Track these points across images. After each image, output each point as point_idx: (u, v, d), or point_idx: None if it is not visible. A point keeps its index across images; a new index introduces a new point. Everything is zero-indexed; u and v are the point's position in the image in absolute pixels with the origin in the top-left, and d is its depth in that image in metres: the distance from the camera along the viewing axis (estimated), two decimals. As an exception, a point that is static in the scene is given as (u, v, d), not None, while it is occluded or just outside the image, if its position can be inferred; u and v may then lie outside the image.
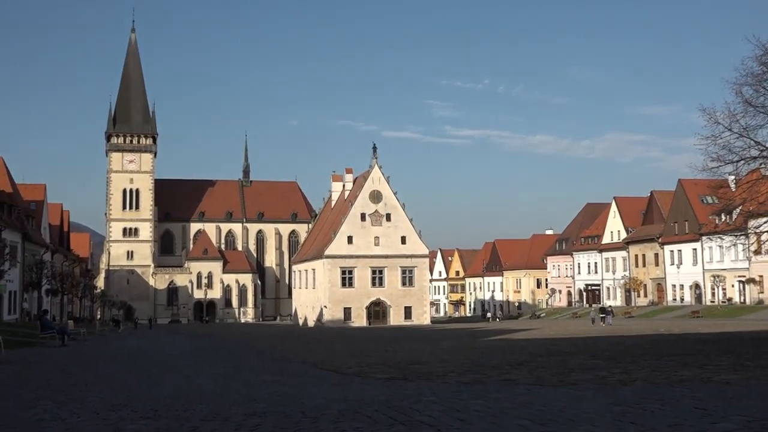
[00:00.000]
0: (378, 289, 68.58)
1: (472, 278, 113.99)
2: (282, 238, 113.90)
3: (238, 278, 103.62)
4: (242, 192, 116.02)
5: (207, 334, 48.01)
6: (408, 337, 33.35)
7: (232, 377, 13.19)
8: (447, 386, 10.17)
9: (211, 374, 14.07)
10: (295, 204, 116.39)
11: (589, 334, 30.79)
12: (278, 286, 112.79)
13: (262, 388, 10.70)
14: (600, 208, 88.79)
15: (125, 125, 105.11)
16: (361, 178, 73.66)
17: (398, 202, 69.64)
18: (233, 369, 15.62)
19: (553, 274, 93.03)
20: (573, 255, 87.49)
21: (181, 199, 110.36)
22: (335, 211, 78.25)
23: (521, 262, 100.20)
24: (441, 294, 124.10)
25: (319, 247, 73.18)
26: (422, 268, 70.28)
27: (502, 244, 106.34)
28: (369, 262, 68.45)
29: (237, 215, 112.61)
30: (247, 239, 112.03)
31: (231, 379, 12.69)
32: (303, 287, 79.59)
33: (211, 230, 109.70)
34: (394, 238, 68.98)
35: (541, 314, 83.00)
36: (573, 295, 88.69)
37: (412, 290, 69.22)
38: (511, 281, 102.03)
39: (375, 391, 9.81)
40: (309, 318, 75.64)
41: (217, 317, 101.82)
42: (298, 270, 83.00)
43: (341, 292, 67.76)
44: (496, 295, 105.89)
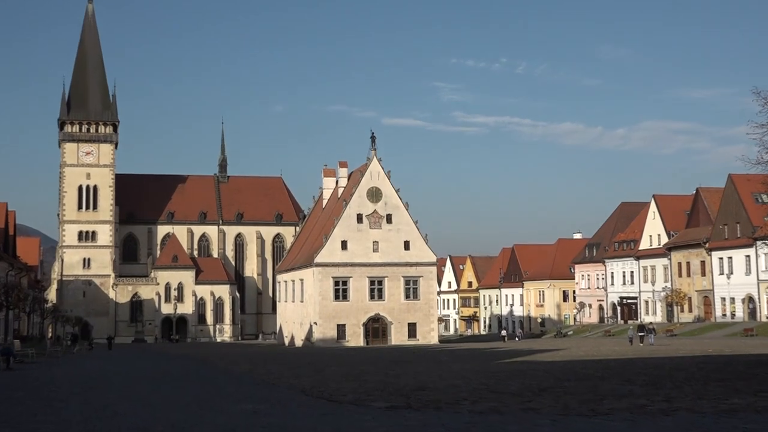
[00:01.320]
0: (377, 303, 68.58)
1: (487, 290, 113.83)
2: (265, 243, 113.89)
3: (213, 290, 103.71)
4: (218, 189, 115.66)
5: (177, 355, 47.97)
6: (412, 359, 33.35)
7: (206, 406, 13.20)
8: (458, 416, 10.17)
9: (181, 403, 14.09)
10: (280, 203, 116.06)
11: (624, 355, 30.81)
12: (260, 300, 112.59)
13: (241, 419, 10.70)
14: (637, 208, 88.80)
15: (81, 111, 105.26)
16: (357, 173, 73.57)
17: (400, 201, 69.33)
18: (207, 396, 15.62)
19: (581, 285, 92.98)
20: (605, 263, 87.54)
21: (146, 198, 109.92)
22: (327, 212, 78.24)
23: (544, 271, 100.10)
24: (451, 308, 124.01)
25: (308, 254, 73.22)
26: (429, 279, 70.28)
27: (523, 250, 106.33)
28: (366, 271, 68.39)
29: (212, 216, 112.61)
30: (224, 244, 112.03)
31: (204, 408, 12.70)
32: (289, 300, 79.58)
33: (182, 234, 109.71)
34: (395, 244, 68.92)
35: (567, 332, 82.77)
36: (605, 310, 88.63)
37: (417, 304, 69.28)
38: (532, 293, 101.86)
39: (373, 422, 9.81)
40: (296, 336, 75.86)
41: (188, 335, 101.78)
42: (283, 280, 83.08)
43: (334, 307, 67.85)
44: (516, 309, 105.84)
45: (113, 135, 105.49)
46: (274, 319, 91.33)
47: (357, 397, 13.92)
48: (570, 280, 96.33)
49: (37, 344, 55.26)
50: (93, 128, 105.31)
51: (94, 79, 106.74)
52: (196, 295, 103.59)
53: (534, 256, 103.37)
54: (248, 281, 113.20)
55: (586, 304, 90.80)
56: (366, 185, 69.44)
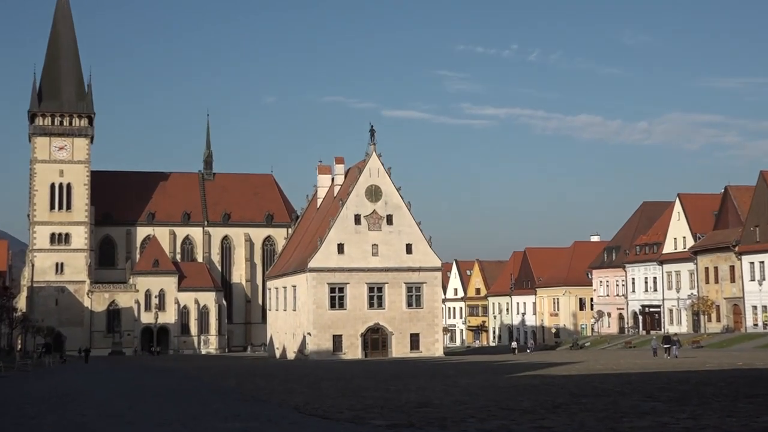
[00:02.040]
0: (376, 312, 68.54)
1: (497, 297, 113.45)
2: (254, 247, 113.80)
3: (197, 297, 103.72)
4: (203, 187, 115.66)
5: (158, 368, 48.01)
6: (415, 373, 33.41)
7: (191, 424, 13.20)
8: (465, 436, 10.17)
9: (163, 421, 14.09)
10: (270, 203, 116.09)
11: (646, 369, 30.86)
12: (249, 308, 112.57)
13: (228, 439, 10.68)
14: (660, 208, 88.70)
15: (54, 102, 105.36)
16: (354, 170, 73.46)
17: (402, 201, 69.47)
18: (192, 414, 15.63)
19: (600, 293, 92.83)
20: (626, 268, 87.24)
21: (125, 197, 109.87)
22: (322, 212, 78.29)
23: (559, 276, 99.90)
24: (457, 317, 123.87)
25: (301, 258, 73.07)
26: (433, 285, 70.29)
27: (536, 254, 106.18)
28: (365, 276, 68.36)
29: (197, 217, 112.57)
30: (210, 248, 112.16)
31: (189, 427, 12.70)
32: (280, 309, 79.53)
33: (164, 236, 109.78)
34: (396, 247, 68.92)
35: (584, 343, 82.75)
36: (626, 319, 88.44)
37: (420, 313, 69.29)
38: (546, 301, 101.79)
39: (373, 441, 9.83)
40: (288, 348, 75.79)
41: (170, 347, 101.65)
42: (274, 287, 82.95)
43: (329, 316, 67.72)
44: (528, 318, 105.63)
45: (88, 128, 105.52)
46: (264, 329, 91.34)
47: (354, 415, 13.94)
48: (587, 287, 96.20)
49: (5, 357, 55.27)
50: (66, 121, 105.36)
51: (67, 68, 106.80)
52: (178, 303, 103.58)
53: (548, 261, 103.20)
54: (236, 288, 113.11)
55: (605, 313, 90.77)
56: (364, 183, 69.40)
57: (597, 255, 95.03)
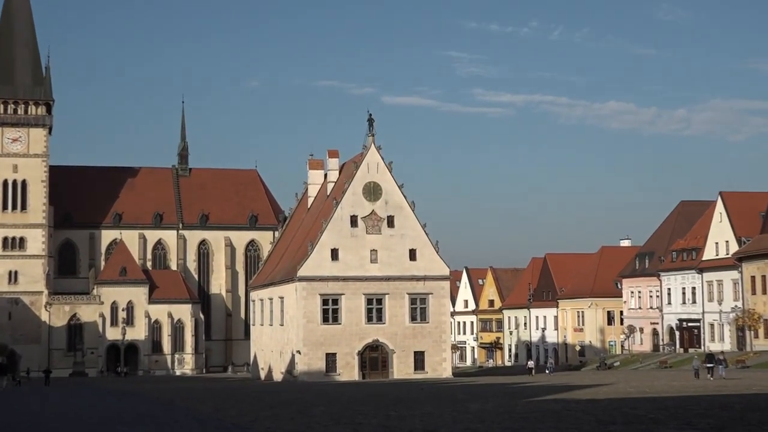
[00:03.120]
0: (376, 327, 68.20)
1: (513, 310, 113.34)
2: (236, 252, 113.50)
3: (171, 311, 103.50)
4: (177, 185, 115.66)
5: (126, 391, 48.03)
6: (420, 397, 33.43)
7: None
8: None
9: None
10: (254, 202, 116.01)
11: (684, 392, 30.90)
12: (230, 323, 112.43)
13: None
14: (699, 208, 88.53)
15: (6, 87, 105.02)
16: (350, 165, 73.27)
17: (405, 200, 69.18)
18: (165, 444, 15.59)
19: (631, 305, 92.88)
20: (660, 277, 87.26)
21: (88, 196, 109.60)
22: (313, 213, 78.01)
23: (584, 286, 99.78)
24: (468, 333, 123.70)
25: (289, 265, 72.78)
26: (440, 296, 70.01)
27: (557, 261, 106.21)
28: (362, 286, 68.01)
29: (170, 218, 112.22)
30: (185, 253, 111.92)
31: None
32: (266, 324, 79.18)
33: (132, 240, 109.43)
34: (398, 252, 68.59)
35: (613, 363, 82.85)
36: (660, 335, 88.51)
37: (426, 328, 68.93)
38: (569, 315, 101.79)
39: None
40: (275, 369, 75.68)
41: (140, 367, 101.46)
42: (258, 298, 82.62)
43: (322, 331, 67.39)
44: (548, 334, 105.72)
45: (46, 117, 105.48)
46: (247, 346, 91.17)
47: (351, 445, 13.98)
48: (616, 299, 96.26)
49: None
50: (21, 109, 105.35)
51: (22, 49, 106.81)
52: (149, 316, 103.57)
53: (571, 269, 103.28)
54: (215, 299, 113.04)
55: (637, 328, 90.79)
56: (362, 180, 69.24)
57: (627, 262, 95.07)
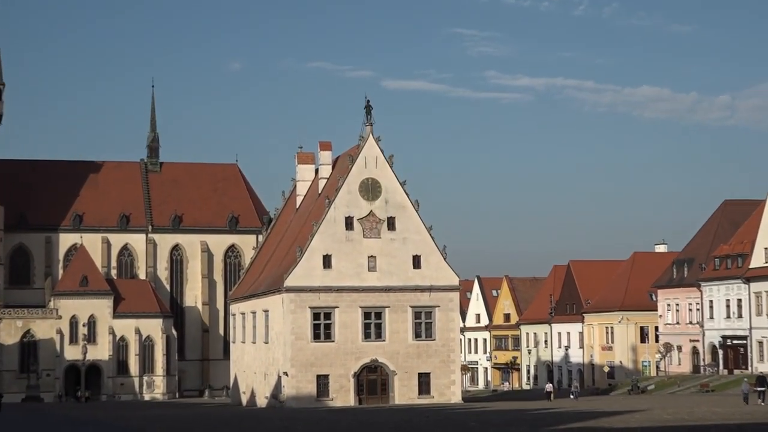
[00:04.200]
0: (374, 345, 68.28)
1: (532, 326, 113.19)
2: (213, 259, 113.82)
3: (139, 326, 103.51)
4: (146, 181, 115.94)
5: (88, 420, 47.97)
6: (425, 426, 33.38)
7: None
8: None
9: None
10: (235, 201, 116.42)
11: (729, 420, 30.85)
12: (207, 340, 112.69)
13: None
14: (746, 208, 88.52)
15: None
16: (345, 159, 73.14)
17: (408, 199, 69.40)
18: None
19: (667, 320, 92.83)
20: (701, 287, 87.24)
21: (44, 194, 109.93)
22: (302, 214, 77.99)
23: (614, 298, 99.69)
24: (480, 352, 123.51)
25: (275, 274, 72.74)
26: (448, 309, 70.05)
27: (583, 269, 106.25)
28: (359, 298, 68.12)
29: (138, 220, 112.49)
30: (155, 260, 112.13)
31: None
32: (248, 341, 79.25)
33: (95, 245, 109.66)
34: (400, 259, 68.77)
35: (647, 386, 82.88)
36: (701, 355, 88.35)
37: (432, 346, 69.02)
38: (596, 331, 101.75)
39: None
40: (258, 393, 75.67)
41: (104, 391, 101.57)
42: (240, 312, 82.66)
43: (312, 350, 67.41)
44: (573, 353, 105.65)
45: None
46: (227, 367, 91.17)
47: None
48: (650, 312, 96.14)
49: None
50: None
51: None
52: (114, 333, 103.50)
53: (599, 278, 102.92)
54: (190, 313, 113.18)
55: (674, 347, 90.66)
56: (358, 176, 69.19)
57: (663, 270, 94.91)
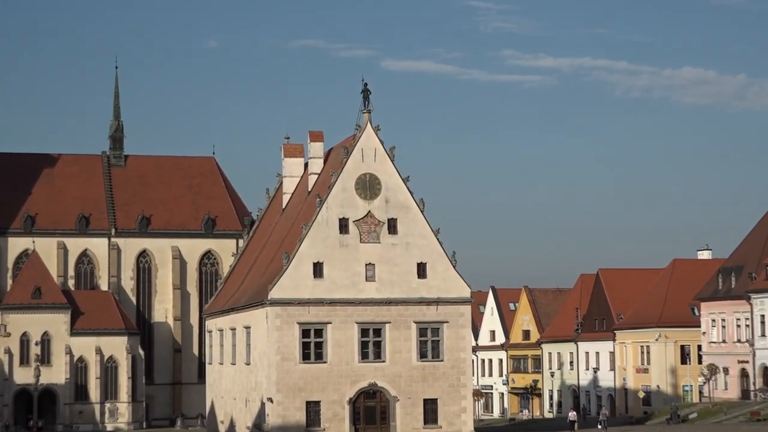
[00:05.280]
0: (373, 366, 68.54)
1: (556, 344, 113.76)
2: (187, 267, 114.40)
3: (100, 345, 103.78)
4: (109, 177, 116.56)
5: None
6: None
7: None
8: None
9: None
10: (212, 200, 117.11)
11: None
12: (179, 361, 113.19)
13: None
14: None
15: None
16: (338, 152, 73.32)
17: (411, 198, 69.65)
18: None
19: (712, 337, 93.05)
20: (751, 300, 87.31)
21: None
22: (290, 215, 78.28)
23: (650, 313, 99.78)
24: (494, 375, 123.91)
25: (258, 284, 73.03)
26: (458, 326, 70.22)
27: (614, 279, 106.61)
28: (355, 312, 68.36)
29: (99, 222, 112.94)
30: (119, 269, 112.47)
31: None
32: (227, 362, 79.42)
33: (49, 251, 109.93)
34: (403, 267, 69.00)
35: (689, 414, 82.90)
36: (752, 378, 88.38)
37: (439, 368, 69.33)
38: (630, 350, 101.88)
39: None
40: (239, 422, 75.88)
41: (59, 420, 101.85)
42: (217, 329, 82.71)
43: (301, 372, 67.58)
44: (602, 376, 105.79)
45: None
46: (202, 392, 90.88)
47: None
48: (692, 329, 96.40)
49: None
50: None
51: None
52: (71, 353, 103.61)
53: (633, 289, 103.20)
54: (159, 330, 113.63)
55: (720, 368, 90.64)
56: (354, 171, 69.32)
57: (707, 280, 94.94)
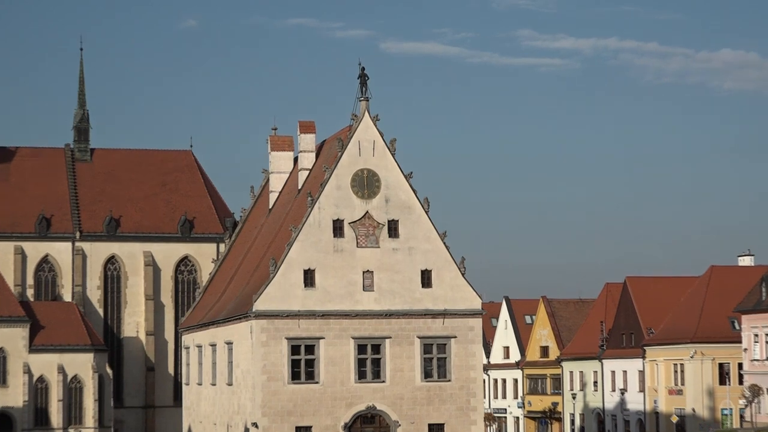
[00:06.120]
0: (371, 387, 68.96)
1: (578, 362, 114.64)
2: (161, 275, 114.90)
3: (63, 363, 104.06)
4: (73, 173, 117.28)
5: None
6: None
7: None
8: None
9: None
10: (189, 199, 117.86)
11: None
12: (152, 381, 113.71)
13: None
14: None
15: None
16: (332, 145, 73.59)
17: (415, 197, 70.09)
18: None
19: (754, 354, 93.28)
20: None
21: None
22: (277, 216, 79.01)
23: (685, 326, 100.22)
24: (509, 397, 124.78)
25: (241, 295, 73.61)
26: (468, 341, 70.65)
27: (644, 289, 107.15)
28: (351, 326, 68.82)
29: (62, 224, 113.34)
30: (85, 277, 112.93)
31: None
32: (206, 382, 80.00)
33: (5, 256, 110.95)
34: (405, 275, 69.46)
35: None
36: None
37: (446, 389, 69.84)
38: (662, 369, 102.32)
39: None
40: (220, 450, 76.76)
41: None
42: (195, 345, 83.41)
43: (290, 394, 67.97)
44: (631, 398, 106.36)
45: None
46: (178, 416, 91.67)
47: None
48: (732, 345, 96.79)
49: None
50: None
51: None
52: (30, 372, 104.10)
53: (665, 300, 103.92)
54: (129, 346, 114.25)
55: (763, 389, 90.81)
56: (350, 166, 69.70)
57: (749, 290, 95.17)
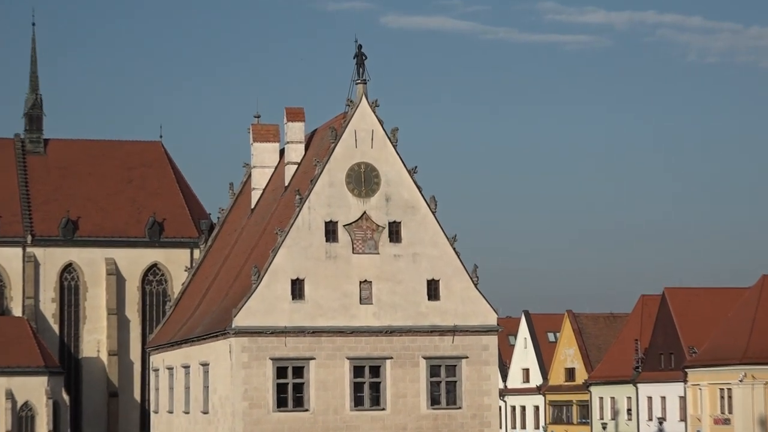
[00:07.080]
0: (369, 415, 69.25)
1: (609, 387, 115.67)
2: (126, 286, 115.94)
3: (12, 387, 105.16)
4: (24, 168, 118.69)
5: None
6: None
7: None
8: None
9: None
10: (159, 198, 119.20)
11: None
12: (115, 408, 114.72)
13: None
14: None
15: None
16: (324, 134, 73.94)
17: (421, 195, 70.48)
18: None
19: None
20: None
21: None
22: (260, 217, 79.80)
23: (732, 345, 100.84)
24: (529, 426, 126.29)
25: (219, 308, 74.10)
26: (482, 362, 71.14)
27: (685, 302, 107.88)
28: (346, 344, 69.17)
29: (11, 227, 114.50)
30: (37, 288, 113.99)
31: None
32: (178, 409, 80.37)
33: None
34: (409, 285, 69.80)
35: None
36: None
37: (457, 417, 70.14)
38: (706, 395, 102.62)
39: None
40: (194, 487, 77.15)
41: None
42: (165, 366, 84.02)
43: (276, 423, 68.10)
44: (670, 428, 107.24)
45: None
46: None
47: None
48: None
49: None
50: None
51: None
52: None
53: (709, 315, 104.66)
54: (89, 368, 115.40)
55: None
56: (345, 160, 69.98)
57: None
